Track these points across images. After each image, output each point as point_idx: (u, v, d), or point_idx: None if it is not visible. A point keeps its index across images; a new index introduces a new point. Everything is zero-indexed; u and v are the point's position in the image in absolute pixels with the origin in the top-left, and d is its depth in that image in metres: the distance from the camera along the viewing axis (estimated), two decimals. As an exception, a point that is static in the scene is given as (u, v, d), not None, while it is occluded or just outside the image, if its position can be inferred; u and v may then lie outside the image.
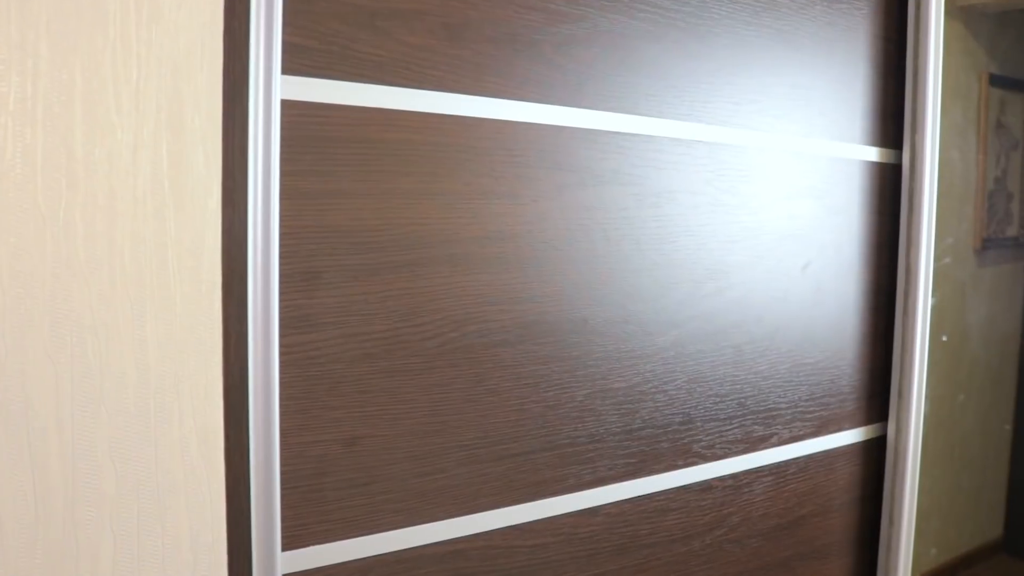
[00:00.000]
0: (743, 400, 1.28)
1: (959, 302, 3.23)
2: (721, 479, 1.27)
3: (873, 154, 1.43)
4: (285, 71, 0.83)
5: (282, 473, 0.86)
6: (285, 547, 0.87)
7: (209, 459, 0.77)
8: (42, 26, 0.67)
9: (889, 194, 1.46)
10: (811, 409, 1.37)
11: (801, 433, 1.36)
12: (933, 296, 1.47)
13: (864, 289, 1.45)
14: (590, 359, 1.10)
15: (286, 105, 0.84)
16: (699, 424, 1.23)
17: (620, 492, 1.14)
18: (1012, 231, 3.38)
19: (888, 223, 1.46)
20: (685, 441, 1.21)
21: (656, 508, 1.19)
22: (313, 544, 0.89)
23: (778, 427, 1.34)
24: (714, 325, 1.23)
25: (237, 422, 0.79)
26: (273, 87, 0.80)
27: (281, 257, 0.84)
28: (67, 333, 0.69)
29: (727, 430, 1.27)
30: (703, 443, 1.24)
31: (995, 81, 3.17)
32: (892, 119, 1.46)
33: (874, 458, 1.48)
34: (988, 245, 3.27)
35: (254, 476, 0.81)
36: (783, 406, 1.34)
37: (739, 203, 1.25)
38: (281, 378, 0.84)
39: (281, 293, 0.84)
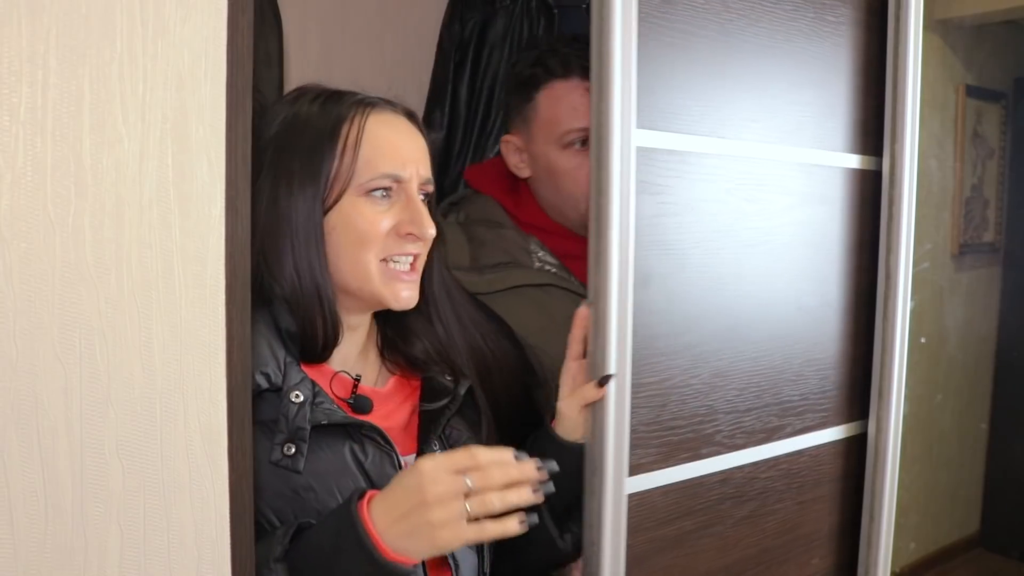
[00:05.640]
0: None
1: (937, 305, 3.24)
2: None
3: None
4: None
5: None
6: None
7: (213, 458, 0.77)
8: (52, 39, 0.67)
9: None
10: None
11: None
12: (912, 299, 1.48)
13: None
14: None
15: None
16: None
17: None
18: (988, 237, 3.39)
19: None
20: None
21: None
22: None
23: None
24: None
25: (240, 423, 0.80)
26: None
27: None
28: (76, 336, 0.70)
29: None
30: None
31: (972, 92, 3.19)
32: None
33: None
34: (965, 250, 3.28)
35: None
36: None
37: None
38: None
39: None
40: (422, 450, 1.09)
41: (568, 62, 1.44)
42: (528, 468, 0.95)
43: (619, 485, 1.11)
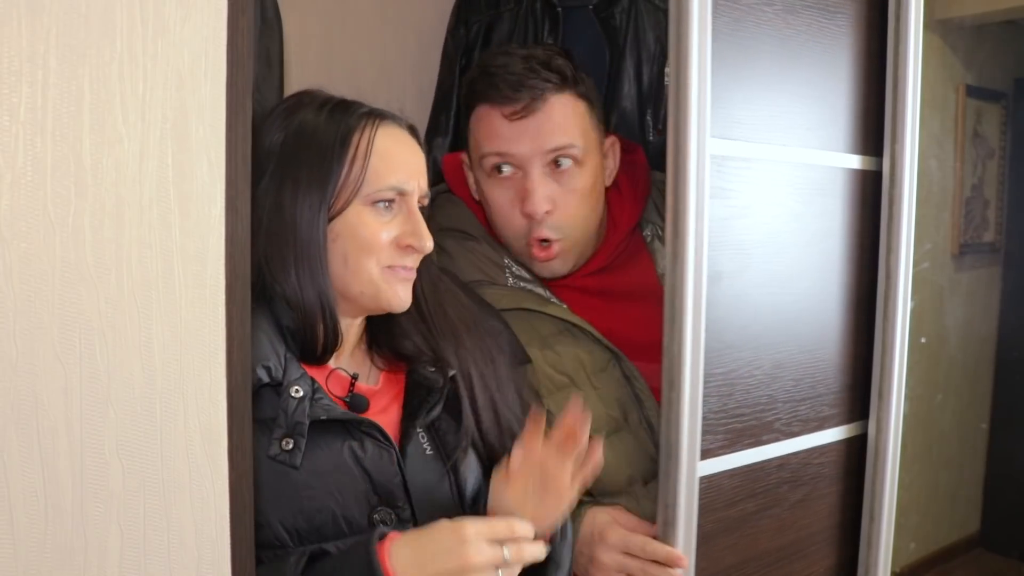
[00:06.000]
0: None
1: (937, 305, 3.24)
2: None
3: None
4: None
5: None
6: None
7: (213, 458, 0.77)
8: (52, 39, 0.67)
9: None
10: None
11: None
12: (912, 299, 1.48)
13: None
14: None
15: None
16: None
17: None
18: (988, 237, 3.39)
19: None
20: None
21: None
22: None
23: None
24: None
25: (240, 422, 0.79)
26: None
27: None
28: (76, 336, 0.69)
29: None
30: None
31: (972, 92, 3.19)
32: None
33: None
34: (965, 250, 3.28)
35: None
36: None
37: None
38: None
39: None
40: (405, 441, 1.10)
41: (493, 84, 1.34)
42: (543, 550, 1.02)
43: (692, 469, 1.21)
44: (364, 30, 1.98)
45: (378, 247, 1.07)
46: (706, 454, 1.23)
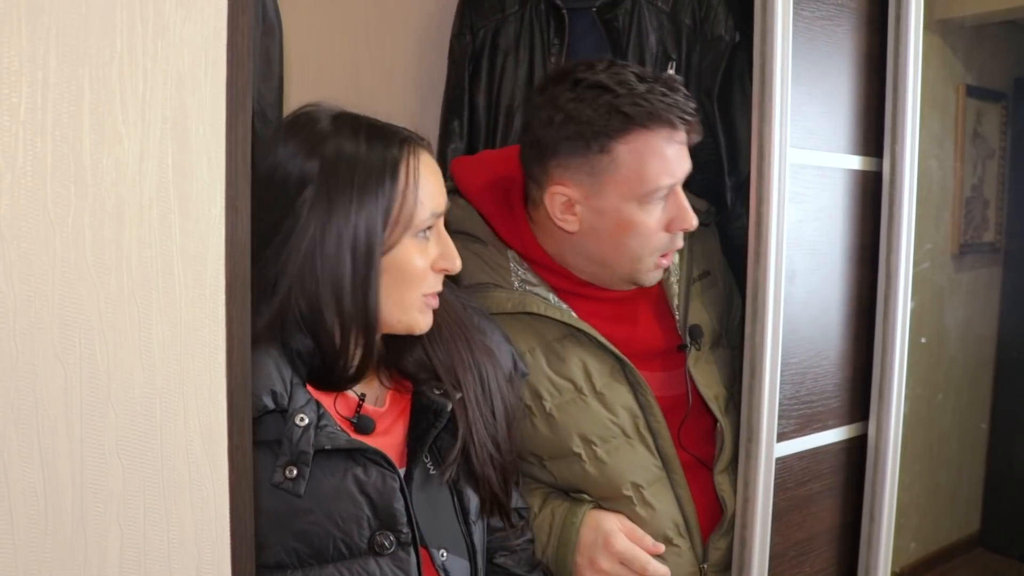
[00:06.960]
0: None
1: (937, 305, 3.23)
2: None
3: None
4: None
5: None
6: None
7: (213, 457, 0.77)
8: (52, 39, 0.67)
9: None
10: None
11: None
12: (912, 300, 1.48)
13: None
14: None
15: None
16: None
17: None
18: (988, 237, 3.39)
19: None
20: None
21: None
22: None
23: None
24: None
25: (240, 422, 0.79)
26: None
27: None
28: (76, 335, 0.69)
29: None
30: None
31: (972, 92, 3.19)
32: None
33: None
34: (965, 250, 3.28)
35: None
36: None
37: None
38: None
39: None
40: (411, 465, 1.10)
41: (654, 108, 1.27)
42: None
43: (770, 450, 1.33)
44: (364, 30, 1.98)
45: (422, 275, 1.08)
46: (781, 437, 1.35)
